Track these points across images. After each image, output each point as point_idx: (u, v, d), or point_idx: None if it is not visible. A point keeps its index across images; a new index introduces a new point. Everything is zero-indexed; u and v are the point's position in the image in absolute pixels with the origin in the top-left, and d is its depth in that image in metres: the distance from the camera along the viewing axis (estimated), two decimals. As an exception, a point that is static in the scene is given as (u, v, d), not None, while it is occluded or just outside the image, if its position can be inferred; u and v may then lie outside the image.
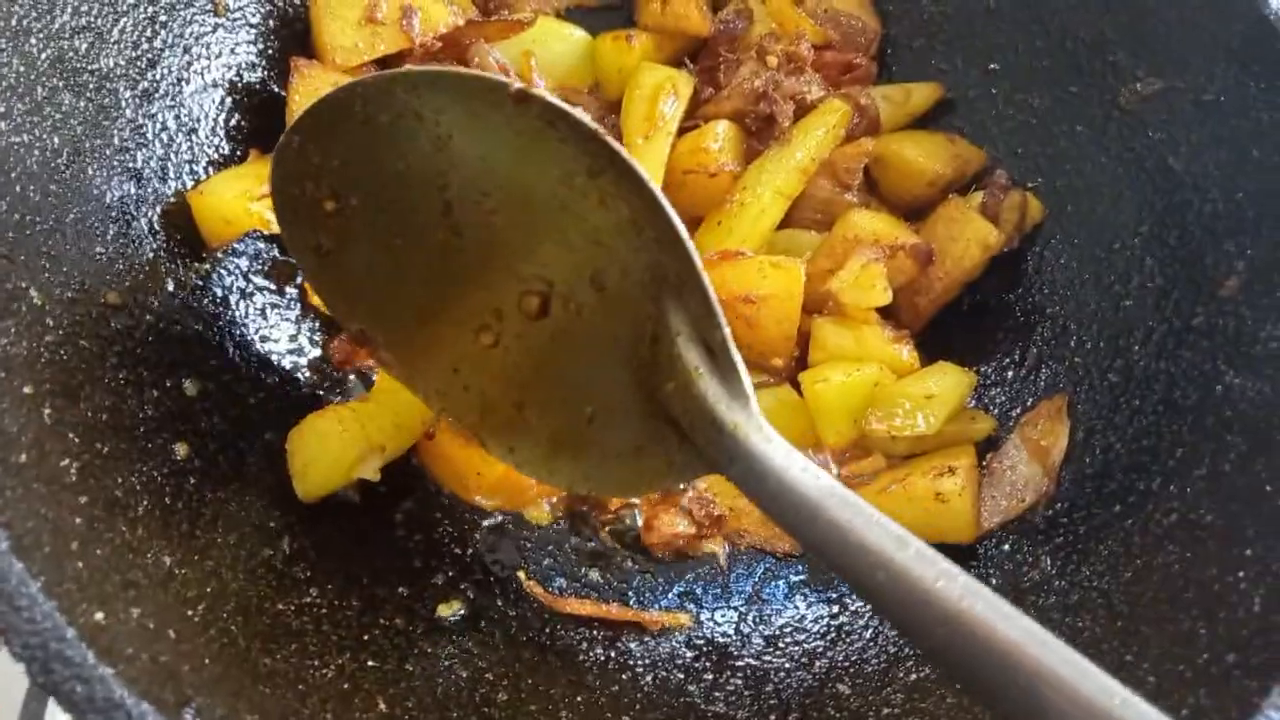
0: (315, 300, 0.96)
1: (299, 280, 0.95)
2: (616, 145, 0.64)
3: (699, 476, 0.85)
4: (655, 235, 0.65)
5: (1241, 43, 0.91)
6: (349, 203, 0.75)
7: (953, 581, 0.50)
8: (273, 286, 0.94)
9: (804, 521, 0.56)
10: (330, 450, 0.77)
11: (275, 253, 0.95)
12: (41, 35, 0.78)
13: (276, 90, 0.99)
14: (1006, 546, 0.92)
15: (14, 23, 0.75)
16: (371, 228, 0.75)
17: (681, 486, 0.94)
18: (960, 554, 0.92)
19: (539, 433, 0.76)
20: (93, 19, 0.83)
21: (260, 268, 0.94)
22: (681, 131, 1.04)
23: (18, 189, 0.74)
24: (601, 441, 0.71)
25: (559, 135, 0.65)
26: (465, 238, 0.73)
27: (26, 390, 0.67)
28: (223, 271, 0.91)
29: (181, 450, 0.78)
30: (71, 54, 0.81)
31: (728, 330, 0.63)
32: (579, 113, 0.64)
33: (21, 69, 0.76)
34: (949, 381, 0.95)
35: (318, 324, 0.96)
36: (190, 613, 0.67)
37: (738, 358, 0.62)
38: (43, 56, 0.78)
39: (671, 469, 0.68)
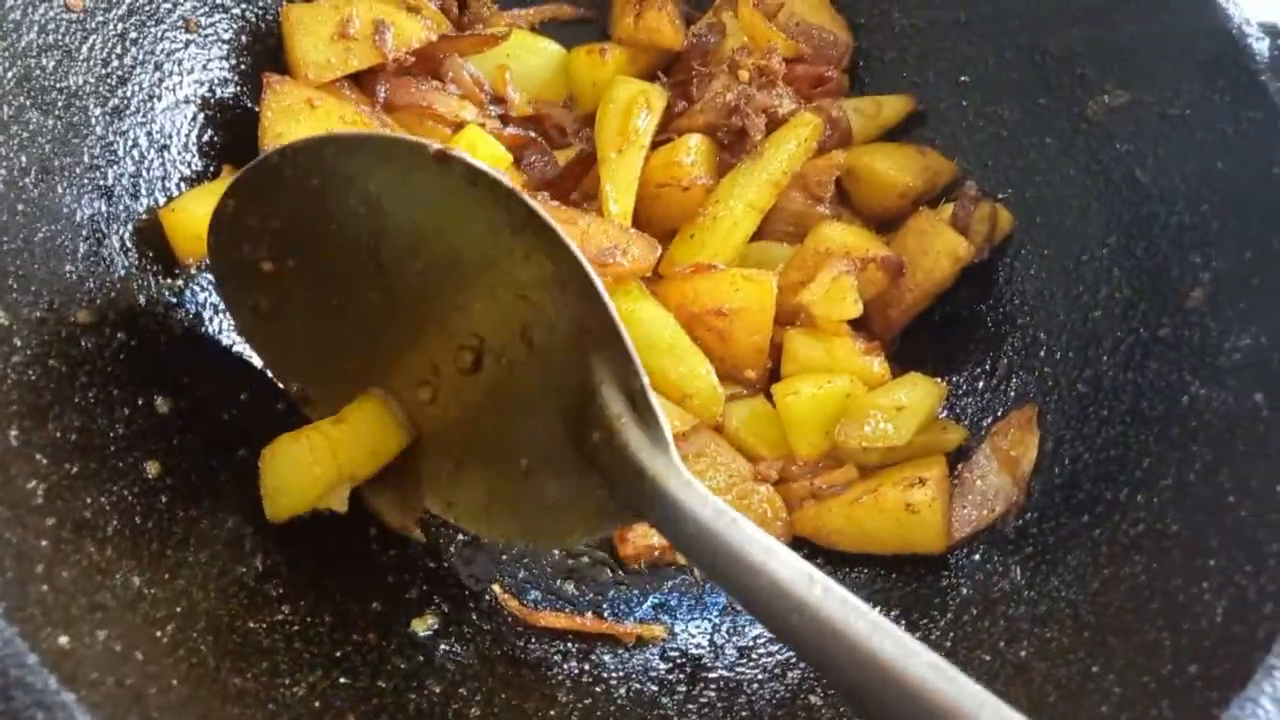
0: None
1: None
2: (534, 204, 0.67)
3: (627, 524, 0.89)
4: (576, 290, 0.67)
5: (1207, 57, 0.92)
6: (286, 264, 0.77)
7: (862, 618, 0.52)
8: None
9: (721, 565, 0.58)
10: (299, 480, 0.77)
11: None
12: (7, 54, 0.78)
13: (249, 105, 0.99)
14: (977, 556, 0.92)
15: (-21, 42, 0.75)
16: (308, 288, 0.78)
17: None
18: (931, 564, 0.93)
19: (477, 486, 0.78)
20: (60, 36, 0.83)
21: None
22: (655, 145, 1.05)
23: (-16, 209, 0.74)
24: (537, 493, 0.73)
25: (480, 194, 0.68)
26: (398, 296, 0.76)
27: (-8, 412, 0.67)
28: (195, 288, 0.91)
29: (153, 469, 0.78)
30: (39, 72, 0.81)
31: (646, 379, 0.65)
32: (498, 173, 0.68)
33: (-12, 88, 0.76)
34: (919, 393, 0.96)
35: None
36: (159, 634, 0.67)
37: (657, 406, 0.65)
38: (9, 75, 0.78)
39: (603, 517, 0.70)
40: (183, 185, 0.92)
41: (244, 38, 0.99)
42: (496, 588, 0.90)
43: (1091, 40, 1.02)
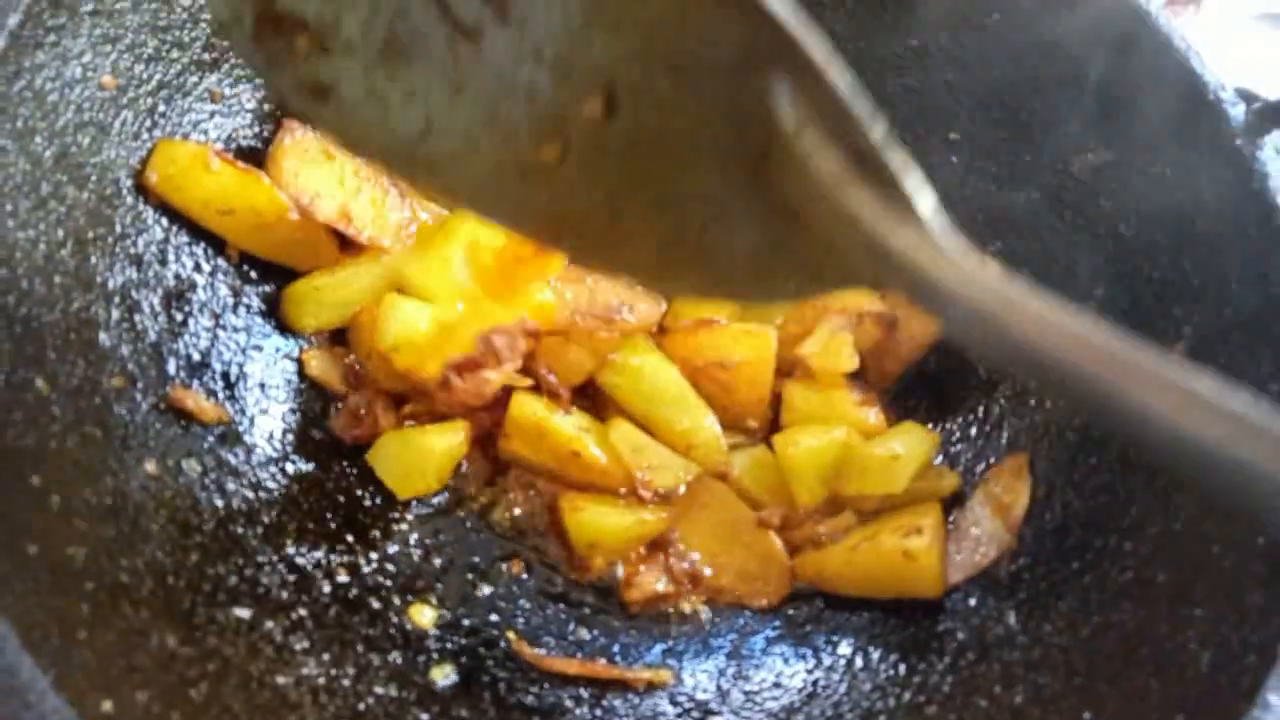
0: (313, 373, 1.00)
1: (298, 355, 1.00)
2: None
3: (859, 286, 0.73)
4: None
5: (1184, 121, 0.97)
6: (334, 36, 0.59)
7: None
8: (274, 361, 0.98)
9: (1007, 352, 0.42)
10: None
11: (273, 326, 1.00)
12: (46, 134, 0.82)
13: (270, 170, 1.03)
14: (973, 601, 0.96)
15: (19, 124, 0.79)
16: (365, 51, 0.59)
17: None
18: (928, 608, 0.97)
19: (642, 241, 0.60)
20: (95, 114, 0.87)
21: (259, 341, 0.98)
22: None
23: (24, 284, 0.77)
24: (723, 246, 0.56)
25: None
26: (482, 41, 0.56)
27: (35, 481, 0.71)
28: (221, 349, 0.94)
29: (184, 528, 0.81)
30: (75, 149, 0.85)
31: (878, 128, 0.49)
32: None
33: (27, 168, 0.80)
34: (914, 442, 1.00)
35: (318, 398, 1.00)
36: (193, 692, 0.70)
37: (896, 158, 0.48)
38: (47, 154, 0.82)
39: (822, 276, 0.54)
40: (209, 250, 0.96)
41: (266, 106, 1.03)
42: (511, 634, 0.93)
43: (1074, 101, 1.06)
